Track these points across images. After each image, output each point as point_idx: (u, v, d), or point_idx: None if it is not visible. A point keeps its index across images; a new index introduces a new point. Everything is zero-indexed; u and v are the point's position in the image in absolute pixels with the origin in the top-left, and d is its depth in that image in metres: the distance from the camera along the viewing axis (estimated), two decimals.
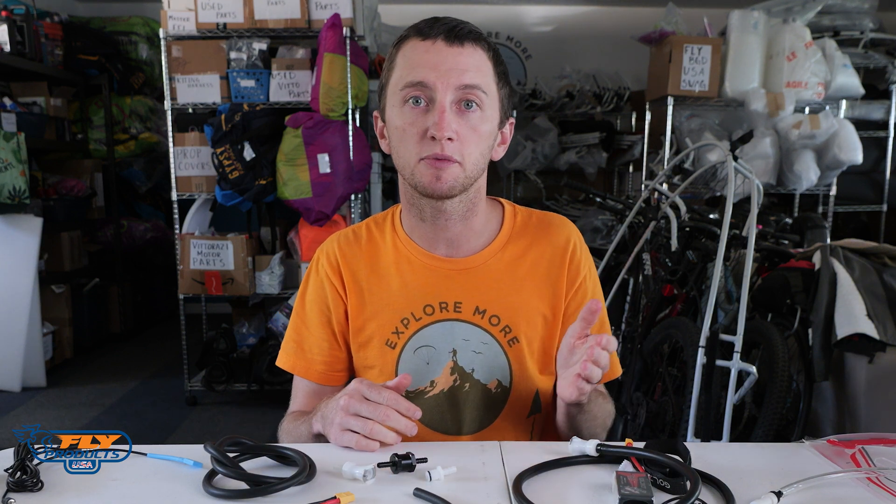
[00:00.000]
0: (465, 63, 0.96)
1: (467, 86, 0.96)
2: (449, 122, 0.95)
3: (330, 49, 3.08)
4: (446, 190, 0.98)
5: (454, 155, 0.96)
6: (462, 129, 0.97)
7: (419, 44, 0.98)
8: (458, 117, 0.97)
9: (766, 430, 2.08)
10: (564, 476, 0.84)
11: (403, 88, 0.97)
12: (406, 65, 0.98)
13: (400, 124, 0.98)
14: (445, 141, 0.95)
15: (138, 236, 4.71)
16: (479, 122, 0.98)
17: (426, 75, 0.95)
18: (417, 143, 0.97)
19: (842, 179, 4.08)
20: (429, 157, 0.96)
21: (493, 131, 1.02)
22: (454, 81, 0.95)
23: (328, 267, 1.10)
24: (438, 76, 0.95)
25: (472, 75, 0.96)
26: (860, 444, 0.92)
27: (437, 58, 0.96)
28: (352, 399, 0.91)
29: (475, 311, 1.06)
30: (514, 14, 5.58)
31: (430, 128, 0.95)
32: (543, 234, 1.10)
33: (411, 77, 0.96)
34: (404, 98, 0.97)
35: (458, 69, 0.96)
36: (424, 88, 0.96)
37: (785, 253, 2.70)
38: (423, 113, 0.97)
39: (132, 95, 4.59)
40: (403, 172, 1.01)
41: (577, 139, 5.00)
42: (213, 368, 3.53)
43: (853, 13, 4.16)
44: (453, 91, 0.96)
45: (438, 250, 1.08)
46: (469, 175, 0.99)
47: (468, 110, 0.97)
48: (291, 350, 1.13)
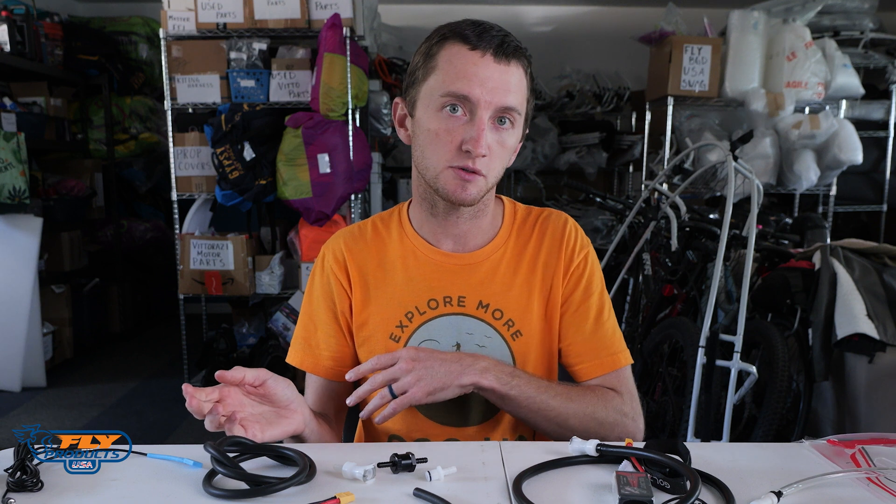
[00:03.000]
0: (509, 83, 0.98)
1: (507, 108, 0.98)
2: (486, 141, 0.97)
3: (330, 49, 3.08)
4: (469, 201, 1.01)
5: (482, 169, 0.98)
6: (493, 144, 0.99)
7: (467, 53, 0.97)
8: (492, 133, 0.98)
9: (766, 430, 2.08)
10: (564, 476, 0.84)
11: (445, 95, 0.97)
12: (451, 71, 0.97)
13: (434, 128, 0.99)
14: (479, 157, 0.97)
15: (138, 236, 4.71)
16: (508, 137, 1.00)
17: (472, 90, 0.96)
18: (449, 152, 0.98)
19: (842, 179, 4.08)
20: (458, 168, 0.98)
21: (516, 145, 1.05)
22: (498, 101, 0.97)
23: (334, 263, 1.11)
24: (483, 93, 0.96)
25: (513, 97, 0.98)
26: (860, 444, 0.92)
27: (485, 73, 0.96)
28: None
29: (479, 305, 1.07)
30: (514, 14, 5.58)
31: (466, 141, 0.97)
32: (542, 227, 1.12)
33: (456, 88, 0.96)
34: (443, 104, 0.98)
35: (503, 89, 0.97)
36: (467, 102, 0.97)
37: (785, 253, 2.70)
38: (459, 123, 0.98)
39: (132, 95, 4.59)
40: (426, 174, 1.02)
41: (577, 139, 5.00)
42: (213, 368, 3.52)
43: (853, 13, 4.16)
44: (493, 110, 0.97)
45: (444, 245, 1.10)
46: (490, 186, 1.03)
47: (501, 126, 0.99)
48: (300, 346, 1.13)
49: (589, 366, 1.09)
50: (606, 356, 1.09)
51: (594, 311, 1.11)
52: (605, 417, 1.03)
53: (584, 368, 1.10)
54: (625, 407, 1.06)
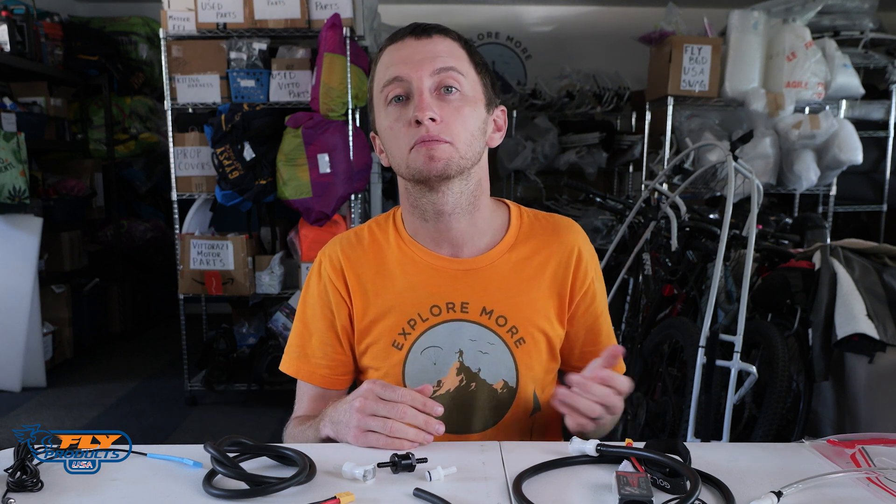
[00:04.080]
0: (436, 50, 0.99)
1: (441, 69, 0.98)
2: (429, 103, 0.97)
3: (330, 49, 3.08)
4: (441, 168, 0.98)
5: (442, 135, 0.97)
6: (445, 112, 0.98)
7: (390, 47, 1.02)
8: (440, 102, 0.98)
9: (766, 430, 2.08)
10: (564, 476, 0.84)
11: (383, 89, 1.00)
12: (382, 68, 1.02)
13: (388, 123, 1.01)
14: (429, 122, 0.96)
15: (138, 236, 4.71)
16: (460, 103, 1.00)
17: (400, 70, 0.98)
18: (406, 134, 0.98)
19: (842, 179, 4.07)
20: (418, 142, 0.97)
21: (479, 114, 1.02)
22: (428, 67, 0.98)
23: (331, 270, 1.10)
24: (412, 67, 0.98)
25: (444, 59, 0.99)
26: (860, 444, 0.92)
27: (408, 51, 0.99)
28: (367, 400, 0.91)
29: (482, 311, 1.06)
30: (514, 14, 5.58)
31: (413, 115, 0.97)
32: (551, 237, 1.10)
33: (387, 75, 0.99)
34: (386, 98, 1.00)
35: (430, 56, 0.99)
36: (402, 82, 0.98)
37: (785, 253, 2.70)
38: (405, 106, 0.99)
39: (132, 95, 4.59)
40: (399, 169, 1.02)
41: (577, 139, 4.99)
42: (213, 368, 3.53)
43: (853, 13, 4.16)
44: (429, 77, 0.98)
45: (443, 250, 1.08)
46: (463, 156, 0.99)
47: (448, 94, 0.99)
48: (295, 354, 1.12)
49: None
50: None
51: (599, 327, 1.13)
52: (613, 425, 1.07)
53: None
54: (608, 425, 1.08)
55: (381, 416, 0.90)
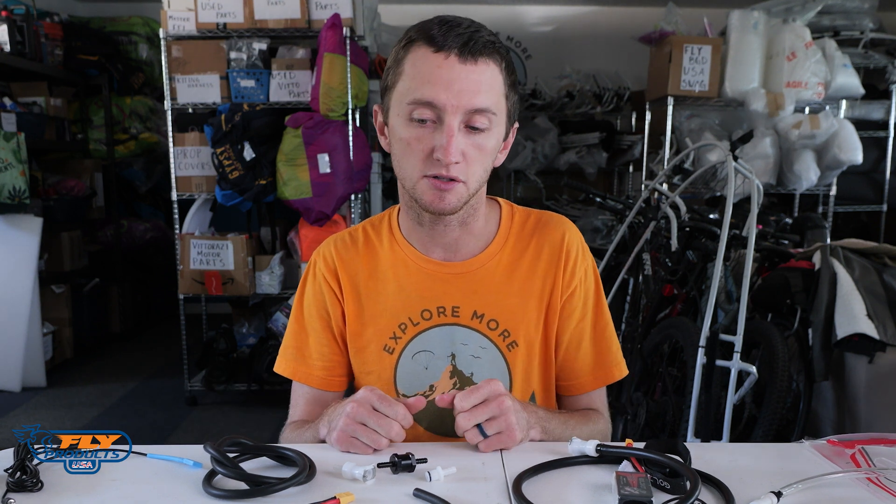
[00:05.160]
0: (478, 83, 0.92)
1: (478, 110, 0.92)
2: (457, 146, 0.92)
3: (330, 49, 3.08)
4: (449, 210, 0.97)
5: (459, 175, 0.94)
6: (468, 149, 0.94)
7: (430, 56, 0.92)
8: (465, 137, 0.94)
9: (766, 430, 2.08)
10: (564, 476, 0.84)
11: (412, 103, 0.93)
12: (415, 76, 0.93)
13: (405, 137, 0.95)
14: (451, 164, 0.93)
15: (138, 236, 4.71)
16: (485, 140, 0.95)
17: (436, 95, 0.91)
18: (422, 161, 0.94)
19: (842, 179, 4.08)
20: (433, 177, 0.94)
21: (498, 146, 0.99)
22: (465, 104, 0.92)
23: (325, 270, 1.09)
24: (449, 97, 0.91)
25: (483, 98, 0.92)
26: (860, 444, 0.92)
27: (450, 75, 0.91)
28: (360, 407, 0.90)
29: (473, 315, 1.05)
30: (514, 14, 5.59)
31: (436, 149, 0.92)
32: (540, 235, 1.08)
33: (420, 94, 0.92)
34: (410, 113, 0.94)
35: (470, 90, 0.91)
36: (434, 109, 0.92)
37: (785, 253, 2.70)
38: (429, 131, 0.93)
39: (132, 95, 4.59)
40: (405, 183, 0.99)
41: (577, 139, 5.00)
42: (213, 368, 3.53)
43: (853, 13, 4.16)
44: (463, 114, 0.92)
45: (435, 254, 1.06)
46: (472, 192, 0.98)
47: (476, 131, 0.94)
48: (290, 356, 1.11)
49: (581, 382, 1.09)
50: (600, 370, 1.09)
51: (591, 327, 1.09)
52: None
53: (576, 385, 1.09)
54: (603, 426, 1.08)
55: (370, 427, 0.89)
